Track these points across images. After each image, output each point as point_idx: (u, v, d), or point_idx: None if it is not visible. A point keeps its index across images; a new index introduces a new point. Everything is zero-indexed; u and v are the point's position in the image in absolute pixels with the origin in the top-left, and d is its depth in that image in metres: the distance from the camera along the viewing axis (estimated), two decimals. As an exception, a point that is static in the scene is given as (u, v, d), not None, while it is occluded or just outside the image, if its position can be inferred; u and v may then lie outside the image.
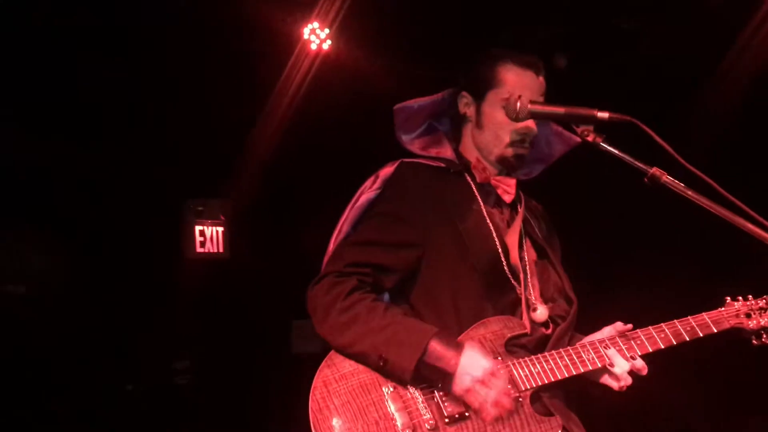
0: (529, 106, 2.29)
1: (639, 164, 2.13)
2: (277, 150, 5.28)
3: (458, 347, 2.23)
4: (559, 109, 2.23)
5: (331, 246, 2.54)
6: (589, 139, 2.17)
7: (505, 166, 2.58)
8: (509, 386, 2.25)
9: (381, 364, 2.22)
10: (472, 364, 2.19)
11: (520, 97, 2.31)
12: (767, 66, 4.12)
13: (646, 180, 2.13)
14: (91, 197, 5.09)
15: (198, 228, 5.68)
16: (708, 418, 4.37)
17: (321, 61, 4.82)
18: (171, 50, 4.70)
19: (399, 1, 4.55)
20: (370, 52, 4.83)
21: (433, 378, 2.24)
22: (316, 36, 4.73)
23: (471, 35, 4.40)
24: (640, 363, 2.34)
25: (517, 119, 2.35)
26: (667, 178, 2.11)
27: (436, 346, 2.21)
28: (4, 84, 4.32)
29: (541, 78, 2.54)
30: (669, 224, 4.13)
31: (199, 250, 5.69)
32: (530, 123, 2.49)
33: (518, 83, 2.49)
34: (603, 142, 2.17)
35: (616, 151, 2.16)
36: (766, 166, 3.86)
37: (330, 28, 4.71)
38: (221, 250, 5.78)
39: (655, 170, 2.11)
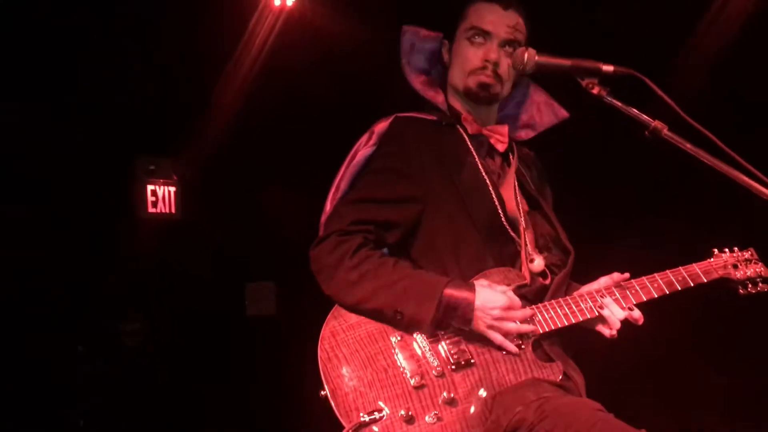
0: (536, 57, 2.33)
1: (642, 117, 2.21)
2: (236, 109, 5.18)
3: (471, 288, 2.28)
4: (565, 62, 2.28)
5: (329, 204, 2.55)
6: (594, 91, 2.24)
7: (471, 98, 2.61)
8: (519, 343, 2.33)
9: (398, 318, 2.25)
10: (487, 302, 2.26)
11: (527, 48, 2.35)
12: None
13: (647, 133, 2.20)
14: (37, 154, 4.89)
15: (150, 188, 5.54)
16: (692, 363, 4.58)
17: (285, 18, 4.71)
18: (125, 3, 4.55)
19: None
20: (335, 9, 4.76)
21: (450, 324, 2.28)
22: (280, -9, 4.63)
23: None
24: (637, 313, 2.43)
25: (523, 71, 2.39)
26: (667, 132, 2.19)
27: (450, 293, 2.25)
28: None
29: (511, 12, 2.58)
30: (665, 176, 4.28)
31: (150, 210, 5.55)
32: (491, 50, 2.54)
33: (481, 16, 2.57)
34: (607, 95, 2.23)
35: (619, 104, 2.23)
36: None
37: (294, -17, 4.62)
38: (173, 210, 5.66)
39: (656, 123, 2.19)
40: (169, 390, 5.39)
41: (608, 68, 2.22)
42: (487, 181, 2.53)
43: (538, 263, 2.52)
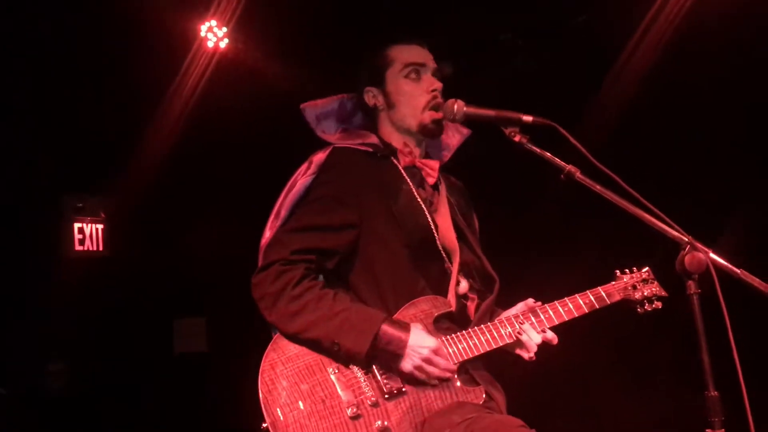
0: (465, 108, 2.53)
1: (557, 162, 2.41)
2: (165, 148, 5.21)
3: (406, 329, 2.41)
4: (490, 112, 2.48)
5: (268, 231, 2.65)
6: (516, 139, 2.43)
7: (426, 134, 2.79)
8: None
9: (335, 349, 2.37)
10: (418, 344, 2.39)
11: (456, 100, 2.55)
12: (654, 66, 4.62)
13: (562, 176, 2.40)
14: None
15: (77, 225, 5.51)
16: (604, 376, 4.84)
17: (218, 59, 4.83)
18: (59, 41, 4.55)
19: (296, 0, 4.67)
20: (268, 51, 4.89)
21: (382, 359, 2.41)
22: (214, 34, 4.74)
23: (365, 33, 4.59)
24: (550, 334, 2.63)
25: (453, 120, 2.58)
26: (580, 175, 2.39)
27: (386, 330, 2.38)
28: None
29: (425, 47, 2.83)
30: (577, 210, 4.58)
31: (77, 248, 5.51)
32: (432, 81, 2.76)
33: (407, 54, 2.79)
34: (528, 142, 2.43)
35: (538, 150, 2.43)
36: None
37: (227, 26, 4.73)
38: (101, 248, 5.63)
39: (570, 168, 2.39)
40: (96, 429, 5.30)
41: (528, 118, 2.42)
42: (423, 207, 2.70)
43: (463, 286, 2.69)
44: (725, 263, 2.18)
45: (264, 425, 2.30)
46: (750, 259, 2.39)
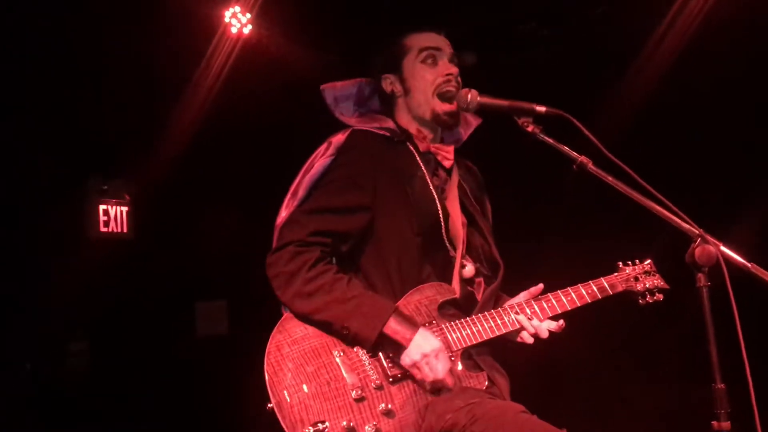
0: (479, 98, 2.55)
1: (570, 153, 2.40)
2: (190, 132, 5.26)
3: (414, 326, 2.44)
4: (504, 102, 2.49)
5: (284, 210, 2.68)
6: (529, 129, 2.43)
7: (440, 123, 2.80)
8: (449, 354, 2.49)
9: (344, 332, 2.41)
10: (423, 342, 2.41)
11: (470, 90, 2.56)
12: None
13: (574, 167, 2.40)
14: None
15: (102, 207, 5.58)
16: (608, 365, 4.85)
17: (242, 45, 4.84)
18: (86, 27, 4.61)
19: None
20: (291, 37, 4.91)
21: (387, 348, 2.44)
22: (238, 20, 4.76)
23: (388, 18, 4.59)
24: (549, 324, 2.65)
25: (467, 109, 2.59)
26: (592, 166, 2.39)
27: (395, 321, 2.41)
28: None
29: (442, 35, 2.84)
30: (582, 202, 4.57)
31: (102, 229, 5.59)
32: (448, 66, 2.77)
33: (423, 41, 2.81)
34: (541, 132, 2.43)
35: (551, 141, 2.42)
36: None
37: (251, 12, 4.75)
38: (125, 230, 5.71)
39: (582, 158, 2.39)
40: (116, 411, 5.38)
41: (541, 108, 2.42)
42: (435, 195, 2.69)
43: (469, 269, 2.72)
44: (736, 256, 2.17)
45: (269, 406, 2.33)
46: (761, 253, 2.37)
